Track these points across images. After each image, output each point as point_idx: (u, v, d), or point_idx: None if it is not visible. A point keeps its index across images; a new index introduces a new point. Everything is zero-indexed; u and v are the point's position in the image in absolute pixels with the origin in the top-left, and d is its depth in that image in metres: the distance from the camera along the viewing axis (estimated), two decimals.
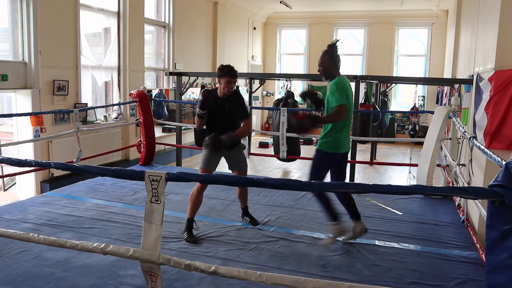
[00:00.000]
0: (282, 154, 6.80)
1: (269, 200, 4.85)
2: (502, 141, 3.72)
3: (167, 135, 8.90)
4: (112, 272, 3.00)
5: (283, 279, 1.98)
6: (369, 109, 8.29)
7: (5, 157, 3.25)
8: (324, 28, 13.39)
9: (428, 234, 3.88)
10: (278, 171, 8.39)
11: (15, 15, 5.74)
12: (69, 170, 2.71)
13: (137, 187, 5.14)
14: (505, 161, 1.98)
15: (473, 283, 2.96)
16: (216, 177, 2.23)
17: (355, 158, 6.78)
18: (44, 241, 2.43)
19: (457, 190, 2.85)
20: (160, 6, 9.17)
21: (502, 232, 1.79)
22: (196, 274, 2.79)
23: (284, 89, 8.11)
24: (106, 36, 7.59)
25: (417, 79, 10.18)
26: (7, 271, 3.00)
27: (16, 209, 4.34)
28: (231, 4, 11.48)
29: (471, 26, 5.99)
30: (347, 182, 4.87)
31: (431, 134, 5.07)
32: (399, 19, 12.74)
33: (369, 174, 8.38)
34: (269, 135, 11.54)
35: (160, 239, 2.13)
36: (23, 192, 6.10)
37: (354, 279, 2.97)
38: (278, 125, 6.76)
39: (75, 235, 3.63)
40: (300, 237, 3.79)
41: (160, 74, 9.39)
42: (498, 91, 3.71)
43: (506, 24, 3.69)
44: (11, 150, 6.51)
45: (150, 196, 2.09)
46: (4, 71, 5.50)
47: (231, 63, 3.88)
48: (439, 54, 12.13)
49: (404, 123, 12.85)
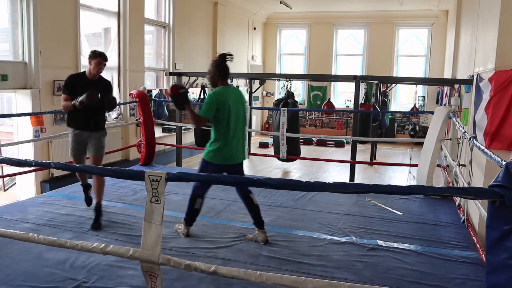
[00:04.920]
0: (282, 154, 6.80)
1: (269, 200, 4.85)
2: (502, 141, 3.73)
3: (167, 135, 8.90)
4: (112, 272, 3.00)
5: (283, 279, 1.98)
6: (369, 109, 8.28)
7: (5, 157, 3.24)
8: (324, 28, 13.40)
9: (428, 234, 3.88)
10: (278, 171, 8.39)
11: (15, 15, 5.74)
12: (69, 170, 2.72)
13: (137, 187, 5.14)
14: (505, 161, 1.98)
15: (473, 283, 2.96)
16: (216, 177, 2.23)
17: (355, 158, 6.78)
18: (44, 241, 2.43)
19: (457, 190, 2.86)
20: (160, 6, 9.17)
21: (502, 232, 1.79)
22: (196, 274, 2.79)
23: (284, 89, 8.11)
24: (106, 36, 7.59)
25: (417, 79, 10.19)
26: (7, 271, 3.00)
27: (16, 209, 4.34)
28: (231, 4, 11.48)
29: (471, 26, 5.99)
30: (347, 182, 4.88)
31: (431, 134, 5.07)
32: (399, 19, 12.74)
33: (369, 174, 8.38)
34: (269, 135, 11.54)
35: (160, 239, 2.13)
36: (23, 192, 6.10)
37: (354, 279, 2.97)
38: (278, 125, 6.76)
39: (75, 235, 3.64)
40: (300, 237, 3.79)
41: (160, 74, 9.39)
42: (498, 91, 3.72)
43: (506, 24, 3.69)
44: (11, 150, 6.51)
45: (150, 196, 2.09)
46: (4, 71, 5.50)
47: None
48: (439, 54, 12.13)
49: (404, 123, 12.85)
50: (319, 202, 4.79)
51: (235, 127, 3.51)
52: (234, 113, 3.48)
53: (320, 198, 4.91)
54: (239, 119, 3.55)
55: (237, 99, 3.55)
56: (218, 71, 3.49)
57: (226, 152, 3.49)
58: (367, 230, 3.96)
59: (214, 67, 3.50)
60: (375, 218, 4.31)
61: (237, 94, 3.59)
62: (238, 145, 3.58)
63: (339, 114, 13.09)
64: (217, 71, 3.49)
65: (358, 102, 6.90)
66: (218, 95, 3.45)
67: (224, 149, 3.49)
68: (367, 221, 4.21)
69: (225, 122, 3.44)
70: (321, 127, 13.73)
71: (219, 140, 3.48)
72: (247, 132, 7.01)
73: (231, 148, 3.51)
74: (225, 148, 3.49)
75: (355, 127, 7.25)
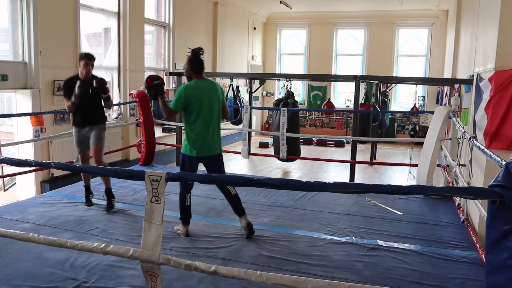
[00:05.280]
0: (282, 154, 6.81)
1: (269, 200, 4.85)
2: (502, 141, 3.72)
3: (167, 135, 8.90)
4: (112, 272, 3.00)
5: (283, 279, 1.98)
6: (369, 109, 8.29)
7: (5, 157, 3.25)
8: (324, 28, 13.40)
9: (428, 234, 3.88)
10: (278, 171, 8.39)
11: (15, 15, 5.74)
12: (69, 170, 2.72)
13: (137, 187, 5.14)
14: (505, 161, 1.98)
15: (473, 283, 2.96)
16: (216, 177, 2.23)
17: (355, 158, 6.78)
18: (44, 241, 2.43)
19: (457, 190, 2.86)
20: (160, 6, 9.17)
21: (502, 232, 1.79)
22: (196, 274, 2.79)
23: (284, 89, 8.11)
24: (106, 36, 7.59)
25: (417, 79, 10.19)
26: (7, 271, 3.00)
27: (16, 209, 4.34)
28: (231, 4, 11.48)
29: (471, 26, 5.99)
30: (347, 182, 4.87)
31: (431, 134, 5.07)
32: (399, 19, 12.74)
33: (369, 174, 8.38)
34: (269, 135, 11.54)
35: (160, 239, 2.13)
36: (23, 192, 6.10)
37: (354, 279, 2.97)
38: (278, 125, 6.76)
39: (75, 235, 3.64)
40: (300, 237, 3.79)
41: (160, 74, 9.38)
42: (498, 91, 3.72)
43: (506, 24, 3.69)
44: (11, 150, 6.50)
45: (150, 196, 2.09)
46: (4, 71, 5.50)
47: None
48: (439, 54, 12.14)
49: (404, 123, 12.85)
50: (319, 202, 4.79)
51: (208, 120, 3.55)
52: (207, 106, 3.51)
53: (320, 198, 4.91)
54: (213, 112, 3.57)
55: (210, 92, 3.57)
56: (191, 65, 3.56)
57: (200, 144, 3.55)
58: (367, 230, 3.96)
59: (188, 63, 3.58)
60: (375, 218, 4.31)
61: (211, 87, 3.60)
62: (214, 137, 3.61)
63: (339, 114, 13.10)
64: (190, 65, 3.56)
65: (358, 102, 6.90)
66: (187, 89, 3.51)
67: (197, 141, 3.55)
68: (367, 221, 4.21)
69: (195, 115, 3.50)
70: (321, 127, 13.73)
71: (192, 132, 3.55)
72: (247, 132, 7.05)
73: (205, 140, 3.56)
74: (198, 141, 3.55)
75: (355, 127, 7.25)
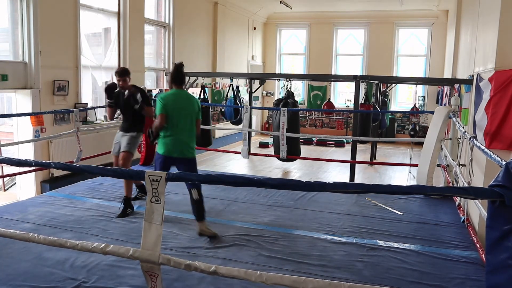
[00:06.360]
0: (282, 154, 6.80)
1: (269, 200, 4.85)
2: (502, 141, 3.72)
3: None
4: (112, 272, 3.00)
5: (283, 279, 1.98)
6: (369, 109, 8.28)
7: (5, 157, 3.24)
8: (324, 28, 13.39)
9: (428, 234, 3.88)
10: (278, 171, 8.39)
11: (15, 15, 5.74)
12: (69, 170, 2.71)
13: None
14: (505, 161, 1.98)
15: (473, 283, 2.96)
16: (216, 177, 2.23)
17: (355, 158, 6.78)
18: (44, 241, 2.43)
19: (457, 190, 2.85)
20: (160, 6, 9.17)
21: (502, 232, 1.79)
22: (196, 274, 2.79)
23: (284, 89, 8.10)
24: (106, 36, 7.59)
25: (417, 79, 10.19)
26: (7, 271, 3.00)
27: (16, 209, 4.34)
28: (231, 4, 11.48)
29: (471, 26, 5.99)
30: (347, 182, 4.87)
31: (431, 134, 5.06)
32: (399, 19, 12.73)
33: (369, 174, 8.38)
34: (269, 135, 11.54)
35: (160, 239, 2.13)
36: (23, 192, 6.10)
37: (354, 279, 2.97)
38: (278, 125, 6.76)
39: (75, 235, 3.64)
40: (300, 237, 3.79)
41: (160, 74, 9.38)
42: (498, 91, 3.72)
43: (506, 24, 3.69)
44: (11, 150, 6.50)
45: (150, 196, 2.09)
46: (4, 71, 5.50)
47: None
48: (439, 54, 12.13)
49: (404, 123, 12.85)
50: (319, 202, 4.79)
51: (182, 125, 3.85)
52: (177, 113, 3.84)
53: (320, 198, 4.91)
54: (185, 119, 3.88)
55: (184, 101, 3.94)
56: (172, 78, 3.97)
57: (169, 145, 3.82)
58: (367, 230, 3.97)
59: (170, 75, 4.01)
60: (375, 218, 4.31)
61: (186, 97, 3.99)
62: (183, 141, 3.85)
63: (339, 114, 13.09)
64: (171, 78, 3.99)
65: (358, 102, 6.90)
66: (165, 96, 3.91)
67: (166, 142, 3.83)
68: (367, 221, 4.21)
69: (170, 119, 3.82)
70: (321, 127, 13.73)
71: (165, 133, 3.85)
72: (247, 132, 7.04)
73: (175, 142, 3.82)
74: (167, 141, 3.83)
75: (355, 127, 7.25)
